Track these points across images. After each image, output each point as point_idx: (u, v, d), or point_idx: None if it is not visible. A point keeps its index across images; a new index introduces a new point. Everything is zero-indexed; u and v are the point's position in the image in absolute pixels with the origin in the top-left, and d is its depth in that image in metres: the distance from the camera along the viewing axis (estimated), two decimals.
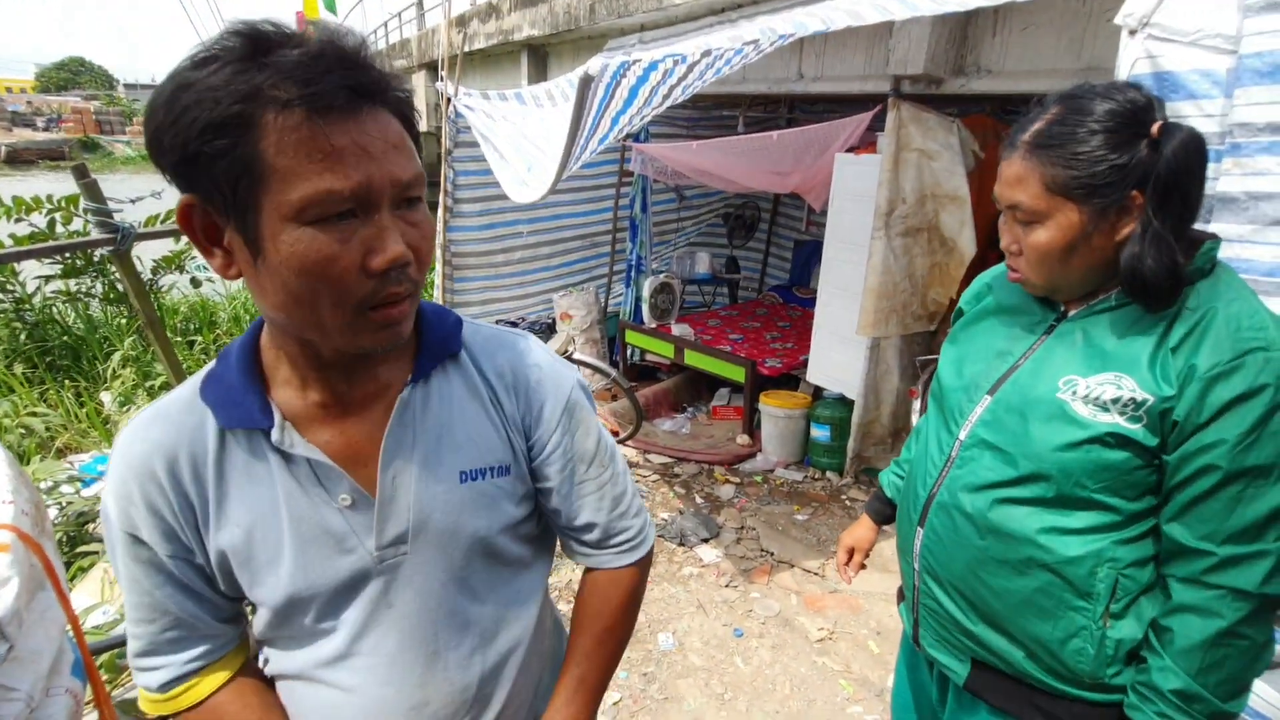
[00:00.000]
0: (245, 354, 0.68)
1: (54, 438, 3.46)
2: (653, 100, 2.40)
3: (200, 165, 0.54)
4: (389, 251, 0.57)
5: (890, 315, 3.28)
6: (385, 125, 0.57)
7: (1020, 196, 0.88)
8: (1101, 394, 0.85)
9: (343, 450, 0.68)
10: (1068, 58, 2.67)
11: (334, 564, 0.69)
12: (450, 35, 4.03)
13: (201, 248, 0.60)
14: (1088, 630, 0.87)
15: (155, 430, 0.67)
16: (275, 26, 0.55)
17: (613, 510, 0.82)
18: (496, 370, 0.75)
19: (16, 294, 4.28)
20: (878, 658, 2.40)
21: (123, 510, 0.66)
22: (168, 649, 0.71)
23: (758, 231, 6.01)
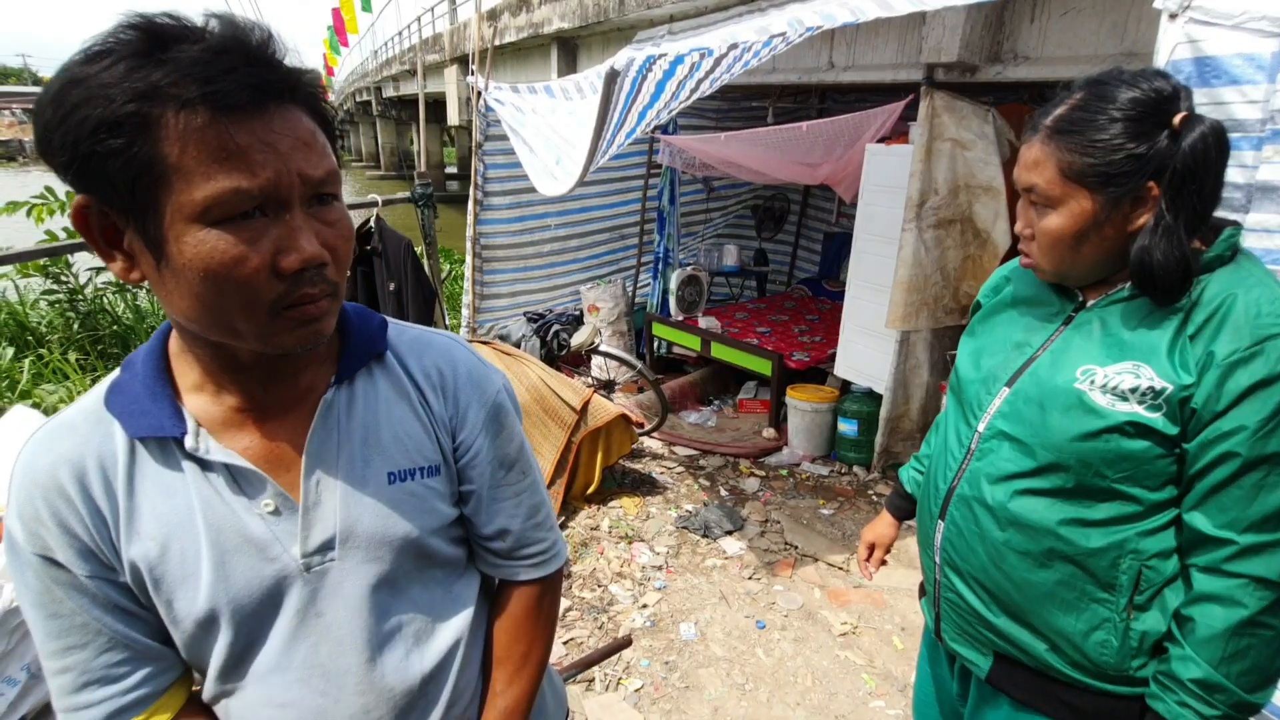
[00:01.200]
0: (152, 360, 0.65)
1: None
2: (679, 94, 2.40)
3: (94, 165, 0.51)
4: (302, 251, 0.56)
5: (921, 309, 3.22)
6: (295, 122, 0.56)
7: (1036, 180, 0.88)
8: (1120, 383, 0.84)
9: (264, 455, 0.66)
10: (1109, 43, 2.58)
11: (257, 573, 0.65)
12: (481, 29, 4.07)
13: (100, 251, 0.57)
14: (1111, 622, 0.87)
15: (60, 443, 0.62)
16: (174, 19, 0.52)
17: (528, 519, 0.81)
18: (424, 370, 0.74)
19: (70, 285, 4.48)
20: (902, 653, 2.38)
21: (32, 532, 0.61)
22: (105, 677, 0.64)
23: (787, 223, 5.96)
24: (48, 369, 3.93)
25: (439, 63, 12.22)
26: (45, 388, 3.66)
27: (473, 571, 0.82)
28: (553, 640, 0.87)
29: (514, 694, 0.81)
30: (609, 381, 4.24)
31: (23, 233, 4.47)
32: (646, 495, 3.37)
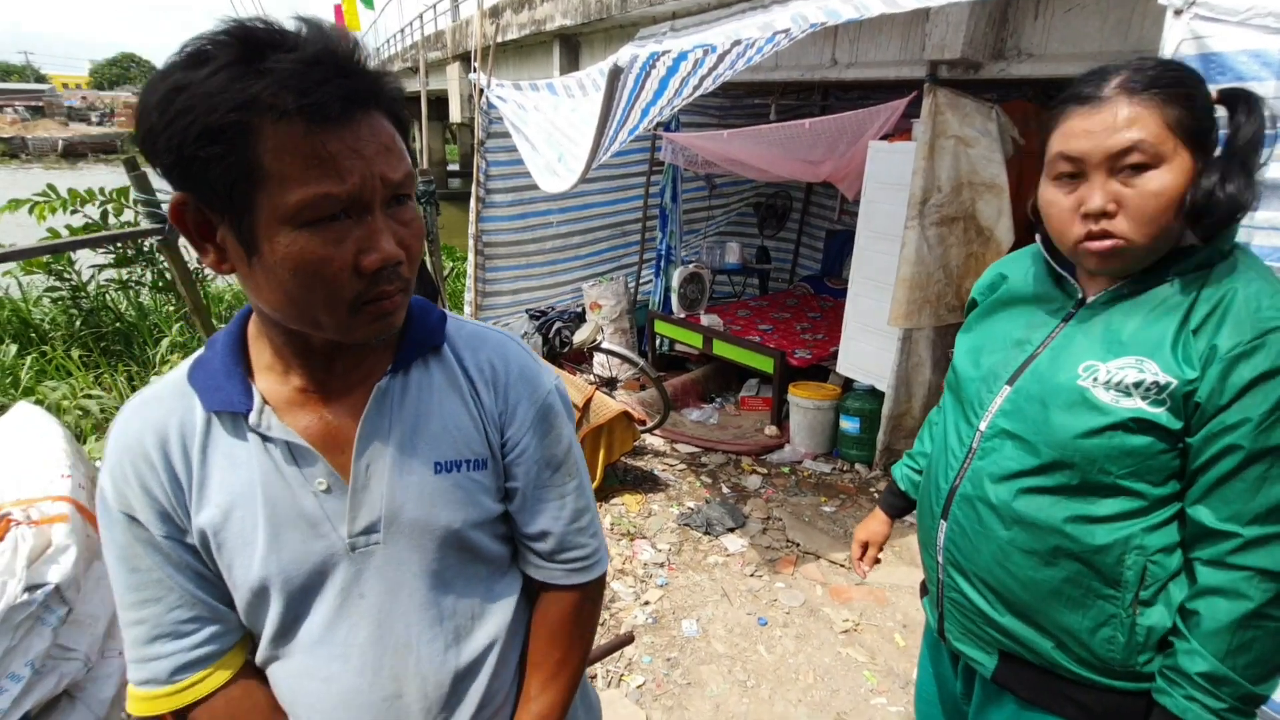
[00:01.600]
0: (231, 341, 0.70)
1: (108, 419, 3.64)
2: (683, 91, 2.39)
3: (195, 168, 0.55)
4: (381, 251, 0.59)
5: (923, 306, 3.22)
6: (378, 128, 0.59)
7: (1138, 136, 0.79)
8: (1124, 378, 0.84)
9: (321, 435, 0.69)
10: (1114, 40, 2.57)
11: (306, 549, 0.69)
12: (483, 26, 4.07)
13: (194, 243, 0.61)
14: (1118, 618, 0.87)
15: (148, 411, 0.68)
16: (267, 24, 0.55)
17: (571, 522, 0.81)
18: (478, 365, 0.76)
19: (73, 282, 4.48)
20: (903, 650, 2.38)
21: (119, 491, 0.67)
22: (175, 632, 0.69)
23: (789, 221, 5.95)
24: (50, 366, 3.94)
25: (441, 60, 12.21)
26: (48, 384, 3.67)
27: (514, 574, 0.83)
28: (590, 649, 0.87)
29: (547, 700, 0.81)
30: (611, 379, 4.24)
31: (25, 230, 4.48)
32: (648, 492, 3.37)
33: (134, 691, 0.70)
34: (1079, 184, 0.85)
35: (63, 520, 1.05)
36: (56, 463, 1.17)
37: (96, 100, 49.81)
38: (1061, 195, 0.87)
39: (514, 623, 0.81)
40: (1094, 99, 0.83)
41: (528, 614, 0.85)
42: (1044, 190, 0.90)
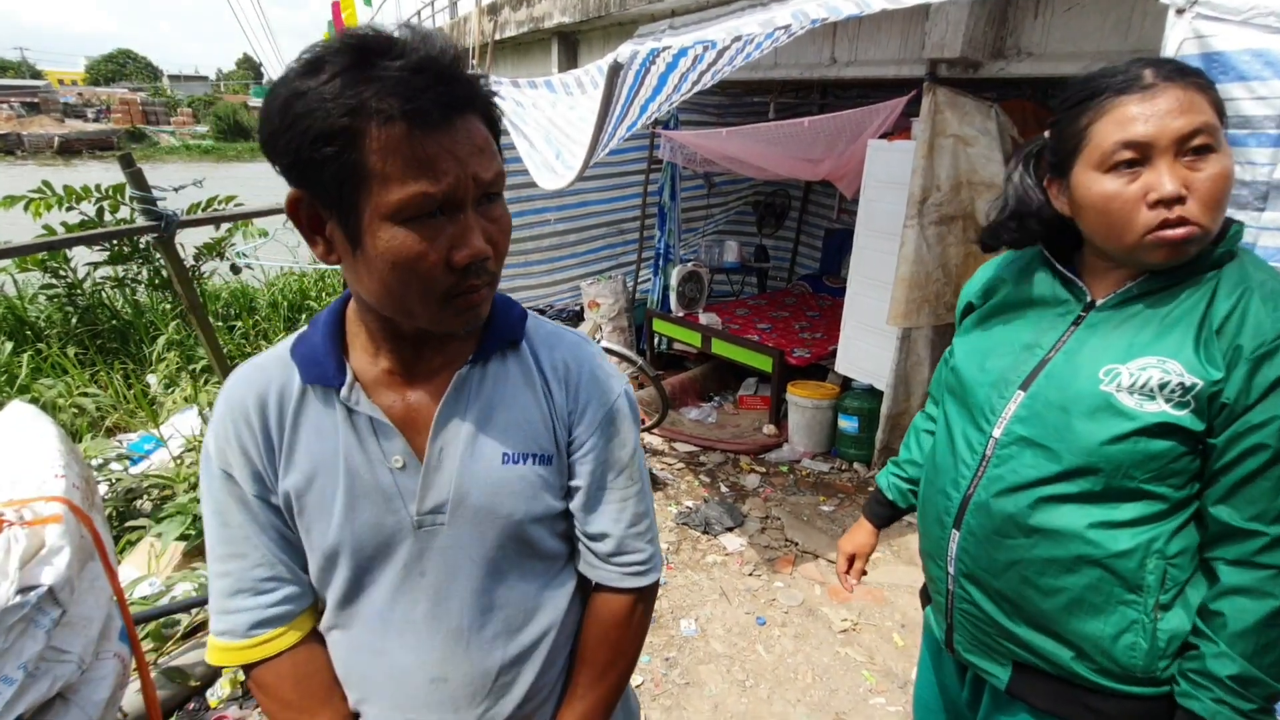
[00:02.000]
0: (331, 321, 0.75)
1: (104, 417, 3.62)
2: (681, 87, 2.38)
3: (310, 167, 0.60)
4: (471, 247, 0.63)
5: (922, 305, 3.22)
6: (473, 131, 0.62)
7: (1201, 119, 0.78)
8: (1148, 380, 0.82)
9: (402, 415, 0.73)
10: (1114, 39, 2.57)
11: (378, 521, 0.72)
12: (481, 23, 4.05)
13: (306, 236, 0.66)
14: (1140, 624, 0.86)
15: (254, 377, 0.74)
16: (376, 33, 0.59)
17: (630, 526, 0.83)
18: (552, 363, 0.79)
19: (68, 279, 4.46)
20: (902, 650, 2.38)
21: (220, 449, 0.72)
22: (255, 589, 0.74)
23: (788, 220, 5.94)
24: (46, 364, 3.92)
25: None
26: (44, 382, 3.65)
27: (570, 573, 0.85)
28: (638, 655, 0.88)
29: (592, 699, 0.83)
30: None
31: (21, 227, 4.45)
32: None
33: (213, 641, 0.76)
34: (1140, 172, 0.81)
35: (56, 521, 1.03)
36: (50, 462, 1.16)
37: (93, 96, 49.61)
38: (1124, 185, 0.81)
39: (565, 621, 0.83)
40: (1143, 85, 0.80)
41: (580, 614, 0.86)
42: (1096, 184, 0.84)
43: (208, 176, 4.26)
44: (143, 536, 2.50)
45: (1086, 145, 0.85)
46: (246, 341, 4.81)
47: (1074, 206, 0.89)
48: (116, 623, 1.16)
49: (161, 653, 2.07)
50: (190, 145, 36.46)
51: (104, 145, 31.81)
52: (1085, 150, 0.85)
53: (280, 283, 5.84)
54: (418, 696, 0.76)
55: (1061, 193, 0.91)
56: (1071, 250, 0.97)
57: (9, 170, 23.40)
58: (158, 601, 2.14)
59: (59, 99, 44.37)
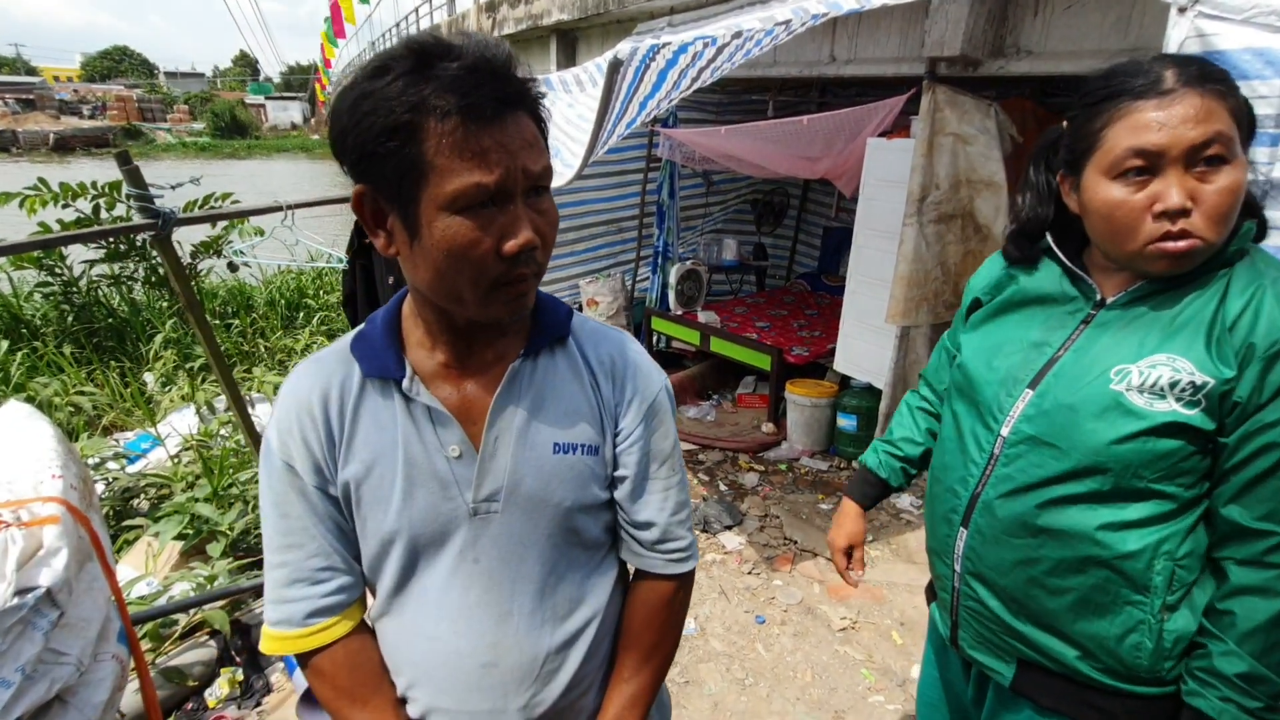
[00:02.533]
0: (388, 318, 0.79)
1: (100, 416, 3.61)
2: (681, 84, 2.37)
3: (374, 162, 0.64)
4: (520, 237, 0.66)
5: (921, 304, 3.21)
6: (523, 126, 0.66)
7: (1216, 128, 0.77)
8: (1158, 378, 0.82)
9: (458, 406, 0.77)
10: (1113, 37, 2.56)
11: (435, 508, 0.75)
12: (479, 21, 4.03)
13: (368, 229, 0.70)
14: (1146, 624, 0.85)
15: (316, 371, 0.77)
16: (436, 39, 0.64)
17: (673, 515, 0.86)
18: (599, 358, 0.83)
19: (64, 277, 4.44)
20: (901, 648, 2.39)
21: (283, 442, 0.75)
22: (311, 579, 0.77)
23: (786, 218, 5.94)
24: (42, 362, 3.90)
25: None
26: (39, 380, 3.63)
27: (611, 564, 0.88)
28: (679, 639, 0.91)
29: (641, 681, 0.86)
30: None
31: (15, 224, 4.42)
32: None
33: (269, 631, 0.78)
34: (1148, 181, 0.80)
35: (54, 522, 1.03)
36: (48, 462, 1.15)
37: (88, 93, 49.36)
38: (1130, 193, 0.81)
39: (608, 610, 0.86)
40: (1161, 91, 0.78)
41: (620, 605, 0.90)
42: (1104, 190, 0.83)
43: (204, 174, 4.24)
44: (140, 536, 2.49)
45: (1098, 149, 0.84)
46: (244, 339, 4.80)
47: (1081, 208, 0.89)
48: (115, 624, 1.15)
49: (160, 653, 2.07)
50: (186, 142, 36.31)
51: (100, 142, 31.66)
52: (1097, 154, 0.84)
53: (278, 281, 5.82)
54: (469, 681, 0.78)
55: (1073, 190, 0.90)
56: (1080, 246, 0.97)
57: (4, 167, 23.29)
58: (155, 601, 2.13)
59: (54, 95, 44.15)
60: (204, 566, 2.29)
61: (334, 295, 5.57)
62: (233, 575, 2.31)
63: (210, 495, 2.59)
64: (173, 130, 41.26)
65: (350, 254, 2.58)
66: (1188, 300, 0.84)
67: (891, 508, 3.28)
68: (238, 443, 3.08)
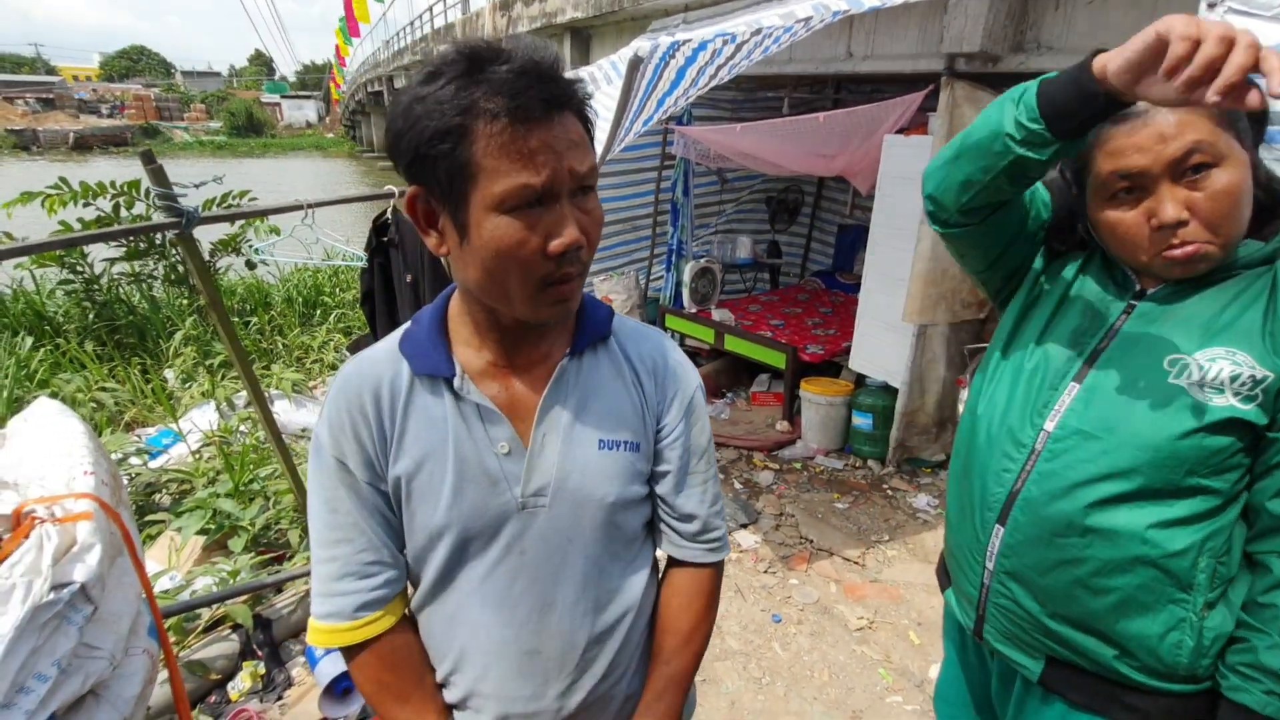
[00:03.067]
0: (436, 317, 0.80)
1: (122, 412, 3.66)
2: (699, 81, 2.36)
3: (426, 164, 0.66)
4: (566, 236, 0.67)
5: (938, 302, 3.19)
6: (569, 127, 0.67)
7: (1194, 137, 0.77)
8: (1218, 372, 0.80)
9: (506, 403, 0.78)
10: (1136, 31, 2.52)
11: (485, 503, 0.77)
12: (494, 20, 4.04)
13: (421, 229, 0.72)
14: (1188, 622, 0.84)
15: (367, 370, 0.78)
16: (487, 44, 0.65)
17: (711, 506, 0.89)
18: (640, 356, 0.85)
19: (86, 275, 4.50)
20: (918, 648, 2.37)
21: (335, 438, 0.77)
22: (360, 573, 0.78)
23: (801, 215, 5.91)
24: (65, 359, 3.96)
25: None
26: (62, 377, 3.69)
27: (645, 559, 0.90)
28: (713, 626, 0.94)
29: (679, 663, 0.88)
30: None
31: (37, 222, 4.49)
32: None
33: (316, 625, 0.79)
34: (1141, 198, 0.82)
35: (87, 518, 1.04)
36: (79, 459, 1.16)
37: (106, 92, 50.01)
38: (1125, 213, 0.84)
39: (644, 601, 0.88)
40: (1131, 115, 0.80)
41: (653, 598, 0.92)
42: (1101, 214, 0.87)
43: (226, 173, 4.27)
44: (163, 531, 2.53)
45: (1089, 174, 0.86)
46: (262, 337, 4.84)
47: (1093, 226, 0.91)
48: (145, 618, 1.17)
49: (183, 646, 2.09)
50: (203, 141, 36.71)
51: (118, 141, 32.08)
52: (1090, 178, 0.87)
53: (295, 278, 5.87)
54: (511, 667, 0.81)
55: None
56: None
57: (26, 166, 23.65)
58: (179, 596, 2.16)
59: (73, 95, 44.77)
60: (226, 561, 2.32)
61: (350, 293, 5.61)
62: (254, 570, 2.33)
63: (231, 491, 2.62)
64: (189, 129, 41.74)
65: (368, 252, 2.59)
66: (1236, 291, 0.83)
67: (909, 507, 3.26)
68: (258, 439, 3.12)
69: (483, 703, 0.83)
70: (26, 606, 0.88)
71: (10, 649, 0.85)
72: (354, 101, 33.56)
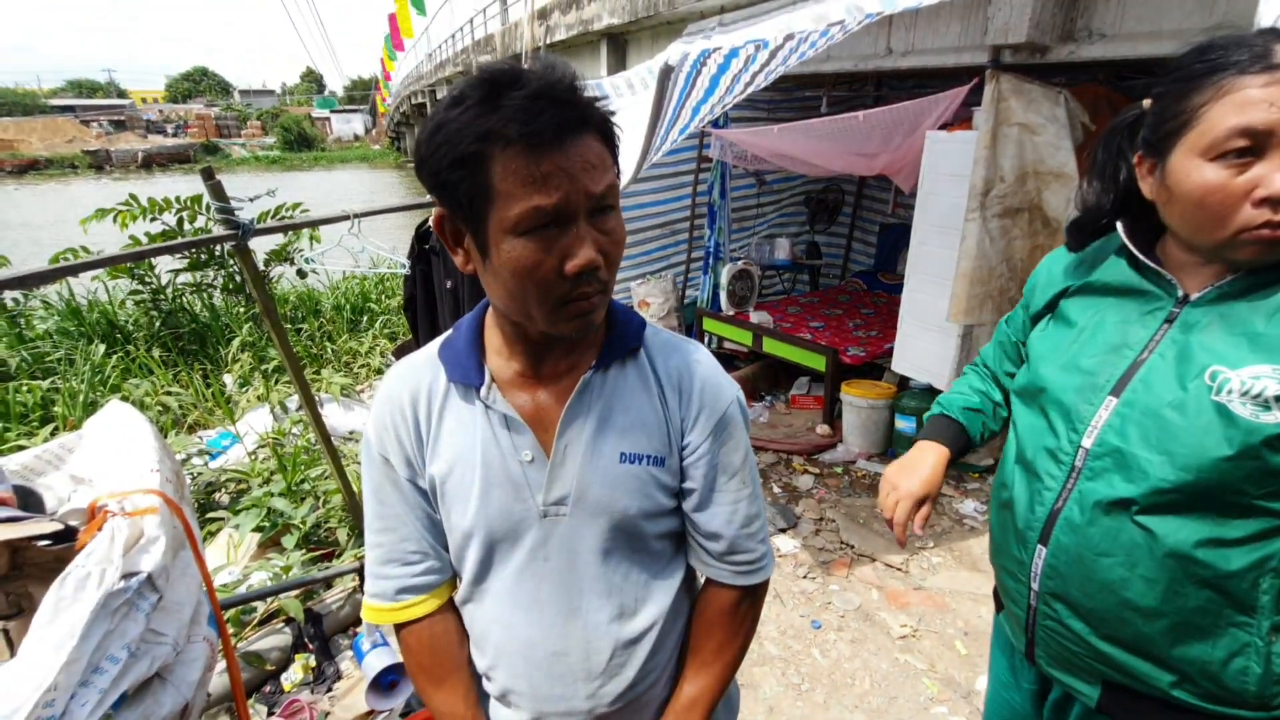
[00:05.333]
0: (472, 326, 0.84)
1: (185, 415, 3.85)
2: (734, 88, 2.36)
3: (448, 189, 0.68)
4: (580, 258, 0.68)
5: (985, 301, 3.10)
6: (586, 148, 0.68)
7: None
8: (1262, 390, 0.74)
9: (531, 413, 0.81)
10: (1196, 16, 2.41)
11: (508, 508, 0.80)
12: (532, 29, 4.12)
13: (449, 248, 0.75)
14: (1253, 647, 0.79)
15: (409, 375, 0.84)
16: (508, 69, 0.67)
17: (742, 527, 0.87)
18: (668, 371, 0.84)
19: (153, 285, 4.76)
20: (965, 659, 2.31)
21: (380, 437, 0.83)
22: (402, 559, 0.85)
23: (841, 215, 5.82)
24: (134, 364, 4.20)
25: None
26: (132, 382, 3.91)
27: (676, 568, 0.90)
28: (748, 644, 0.93)
29: (701, 683, 0.89)
30: None
31: (110, 237, 4.78)
32: None
33: (366, 602, 0.88)
34: (1249, 164, 0.74)
35: (153, 512, 1.11)
36: (147, 458, 1.24)
37: (171, 113, 52.74)
38: (1230, 176, 0.74)
39: (673, 610, 0.89)
40: (1272, 65, 0.71)
41: (687, 606, 0.93)
42: (1198, 171, 0.76)
43: (280, 187, 4.46)
44: (221, 528, 2.65)
45: (1194, 127, 0.77)
46: (313, 343, 5.04)
47: (1163, 192, 0.82)
48: (205, 608, 1.24)
49: (240, 638, 2.19)
50: (259, 156, 38.35)
51: (182, 158, 33.81)
52: (1192, 133, 0.77)
53: (343, 286, 6.08)
54: (540, 668, 0.84)
55: (1151, 173, 0.83)
56: (1152, 237, 0.90)
57: (101, 185, 25.13)
58: (236, 589, 2.26)
59: (142, 116, 47.38)
60: (279, 557, 2.42)
61: (395, 299, 5.77)
62: (305, 566, 2.43)
63: (285, 490, 2.74)
64: (246, 145, 43.66)
65: (411, 259, 2.67)
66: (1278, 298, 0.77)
67: (955, 513, 3.17)
68: (308, 441, 3.24)
69: (519, 699, 0.86)
70: (101, 592, 0.94)
71: (87, 632, 0.91)
72: (398, 113, 34.55)
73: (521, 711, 0.87)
